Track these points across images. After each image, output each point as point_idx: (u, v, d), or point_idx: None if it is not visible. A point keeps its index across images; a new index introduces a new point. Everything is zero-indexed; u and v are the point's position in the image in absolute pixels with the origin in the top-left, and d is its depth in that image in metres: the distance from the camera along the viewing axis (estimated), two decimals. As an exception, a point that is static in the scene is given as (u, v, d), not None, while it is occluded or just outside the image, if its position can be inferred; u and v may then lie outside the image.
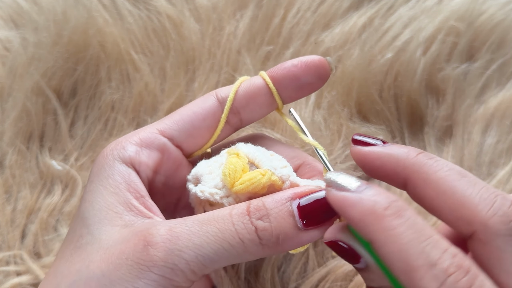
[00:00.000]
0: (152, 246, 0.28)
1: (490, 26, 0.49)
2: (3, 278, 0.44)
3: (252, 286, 0.44)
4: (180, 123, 0.35)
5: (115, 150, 0.33)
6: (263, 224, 0.29)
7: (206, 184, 0.33)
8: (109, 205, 0.31)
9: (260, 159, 0.33)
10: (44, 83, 0.49)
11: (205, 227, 0.29)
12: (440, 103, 0.49)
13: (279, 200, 0.30)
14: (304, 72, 0.34)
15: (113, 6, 0.50)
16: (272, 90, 0.35)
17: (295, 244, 0.30)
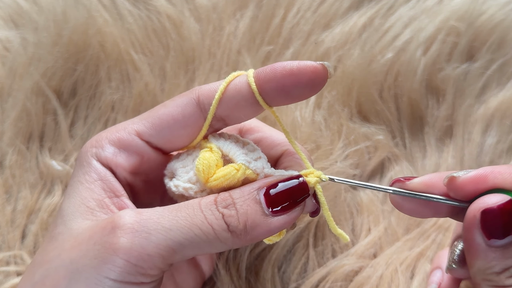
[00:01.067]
0: (119, 228, 0.28)
1: (490, 26, 0.49)
2: (3, 278, 0.44)
3: (253, 285, 0.44)
4: (158, 129, 0.33)
5: (94, 148, 0.33)
6: (229, 212, 0.30)
7: (180, 178, 0.33)
8: (83, 199, 0.32)
9: (234, 152, 0.33)
10: (44, 83, 0.49)
11: (175, 212, 0.29)
12: (440, 103, 0.49)
13: (247, 190, 0.31)
14: (293, 83, 0.31)
15: (113, 6, 0.50)
16: (256, 96, 0.32)
17: (265, 231, 0.30)
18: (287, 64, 0.31)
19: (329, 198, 0.45)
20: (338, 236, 0.34)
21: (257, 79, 0.32)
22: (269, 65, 0.32)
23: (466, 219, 0.30)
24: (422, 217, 0.35)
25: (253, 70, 0.33)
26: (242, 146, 0.34)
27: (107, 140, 0.33)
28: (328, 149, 0.47)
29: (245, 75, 0.33)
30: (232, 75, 0.33)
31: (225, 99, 0.32)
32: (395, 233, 0.45)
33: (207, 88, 0.33)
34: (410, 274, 0.44)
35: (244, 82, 0.32)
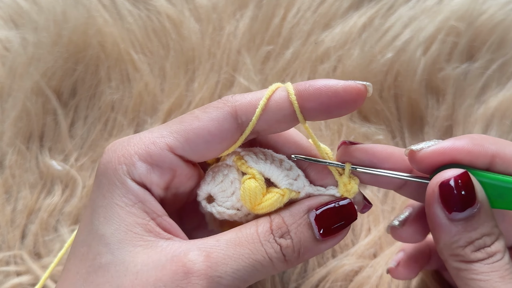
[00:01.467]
0: (193, 274, 0.28)
1: (490, 26, 0.49)
2: (3, 278, 0.44)
3: (252, 285, 0.44)
4: (193, 145, 0.31)
5: (125, 165, 0.31)
6: (286, 242, 0.30)
7: (222, 204, 0.33)
8: (127, 225, 0.30)
9: (276, 176, 0.32)
10: (44, 83, 0.49)
11: (239, 249, 0.30)
12: (440, 103, 0.49)
13: (297, 213, 0.31)
14: (337, 104, 0.31)
15: (113, 6, 0.50)
16: (298, 115, 0.31)
17: (314, 254, 0.31)
18: (332, 84, 0.31)
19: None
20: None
21: (299, 96, 0.31)
22: (311, 82, 0.31)
23: (427, 195, 0.31)
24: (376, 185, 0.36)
25: (291, 84, 0.32)
26: (280, 165, 0.33)
27: (137, 156, 0.31)
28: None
29: (284, 90, 0.32)
30: (271, 90, 0.32)
31: (264, 115, 0.31)
32: (395, 233, 0.45)
33: (245, 102, 0.32)
34: (410, 274, 0.44)
35: (285, 98, 0.31)
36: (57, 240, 0.46)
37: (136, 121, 0.49)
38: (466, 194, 0.30)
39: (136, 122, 0.49)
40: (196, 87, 0.49)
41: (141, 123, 0.49)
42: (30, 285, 0.44)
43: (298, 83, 0.32)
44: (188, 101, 0.49)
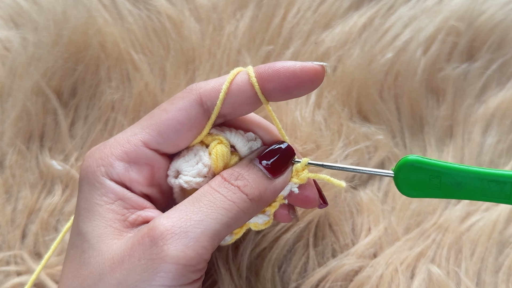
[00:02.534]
0: (158, 238, 0.29)
1: (490, 26, 0.49)
2: (4, 278, 0.44)
3: (253, 285, 0.44)
4: (165, 136, 0.33)
5: (102, 166, 0.32)
6: (242, 182, 0.32)
7: (188, 173, 0.34)
8: (107, 221, 0.31)
9: (240, 145, 0.35)
10: (44, 83, 0.49)
11: (197, 204, 0.31)
12: (440, 103, 0.49)
13: (244, 163, 0.34)
14: (295, 84, 0.32)
15: (113, 6, 0.50)
16: (259, 96, 0.33)
17: (273, 192, 0.33)
18: (290, 65, 0.32)
19: (329, 198, 0.45)
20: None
21: (260, 78, 0.33)
22: (270, 64, 0.33)
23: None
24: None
25: (252, 67, 0.33)
26: (244, 135, 0.35)
27: (114, 156, 0.33)
28: (328, 149, 0.47)
29: (245, 73, 0.33)
30: (233, 74, 0.33)
31: (228, 99, 0.33)
32: (395, 232, 0.45)
33: (209, 88, 0.33)
34: (410, 274, 0.44)
35: (247, 81, 0.33)
36: (57, 240, 0.46)
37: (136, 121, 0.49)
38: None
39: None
40: (196, 87, 0.49)
41: (141, 123, 0.49)
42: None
43: (258, 66, 0.33)
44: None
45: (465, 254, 0.44)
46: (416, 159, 0.33)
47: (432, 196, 0.34)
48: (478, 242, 0.44)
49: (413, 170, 0.33)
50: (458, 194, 0.33)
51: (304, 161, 0.35)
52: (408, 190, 0.34)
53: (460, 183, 0.32)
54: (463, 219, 0.45)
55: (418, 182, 0.33)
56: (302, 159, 0.35)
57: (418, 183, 0.33)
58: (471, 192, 0.33)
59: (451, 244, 0.44)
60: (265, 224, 0.37)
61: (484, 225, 0.44)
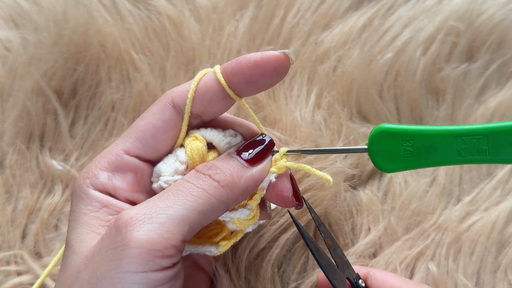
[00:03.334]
0: (122, 226, 0.29)
1: (490, 26, 0.49)
2: (4, 278, 0.44)
3: (252, 285, 0.44)
4: (143, 140, 0.34)
5: (87, 178, 0.33)
6: (213, 171, 0.32)
7: (166, 174, 0.34)
8: (90, 227, 0.32)
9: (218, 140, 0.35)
10: (44, 83, 0.49)
11: (166, 194, 0.31)
12: (440, 103, 0.49)
13: (222, 156, 0.34)
14: (259, 73, 0.32)
15: (113, 6, 0.51)
16: (227, 90, 0.33)
17: (251, 180, 0.33)
18: (251, 56, 0.33)
19: (329, 197, 0.45)
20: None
21: (225, 73, 0.33)
22: (234, 59, 0.33)
23: None
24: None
25: (219, 66, 0.34)
26: (222, 132, 0.35)
27: (97, 167, 0.33)
28: (328, 149, 0.47)
29: (212, 72, 0.34)
30: (201, 73, 0.34)
31: (198, 97, 0.34)
32: (394, 232, 0.45)
33: (179, 90, 0.34)
34: (410, 274, 0.44)
35: (213, 78, 0.34)
36: (58, 240, 0.46)
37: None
38: None
39: (136, 122, 0.49)
40: (196, 87, 0.49)
41: (141, 123, 0.49)
42: (31, 285, 0.44)
43: (225, 63, 0.34)
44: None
45: (464, 254, 0.44)
46: (386, 126, 0.32)
47: (408, 167, 0.32)
48: (477, 242, 0.44)
49: (384, 138, 0.32)
50: (434, 159, 0.31)
51: (282, 150, 0.35)
52: (384, 163, 0.33)
53: (433, 145, 0.31)
54: (462, 219, 0.45)
55: (392, 151, 0.32)
56: (281, 148, 0.35)
57: (391, 153, 0.32)
58: (447, 154, 0.31)
59: (451, 244, 0.44)
60: (250, 219, 0.36)
61: (484, 225, 0.44)
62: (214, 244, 0.36)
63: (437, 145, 0.31)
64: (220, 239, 0.37)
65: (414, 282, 0.37)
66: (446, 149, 0.31)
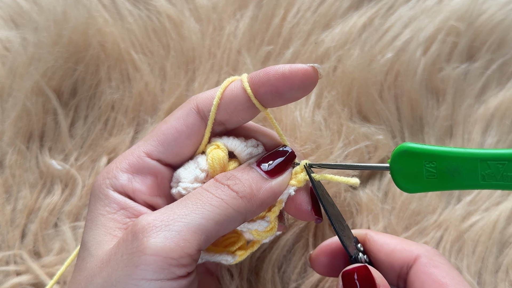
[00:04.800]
0: (139, 231, 0.29)
1: (490, 26, 0.49)
2: (3, 278, 0.44)
3: (253, 286, 0.44)
4: (165, 144, 0.34)
5: (107, 179, 0.33)
6: (233, 181, 0.32)
7: (186, 180, 0.34)
8: (107, 229, 0.32)
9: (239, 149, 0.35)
10: (44, 83, 0.49)
11: (184, 202, 0.31)
12: (440, 103, 0.49)
13: (241, 166, 0.34)
14: (286, 86, 0.32)
15: (113, 6, 0.51)
16: (253, 100, 0.33)
17: (270, 193, 0.33)
18: (280, 68, 0.32)
19: (329, 197, 0.45)
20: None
21: (252, 83, 0.33)
22: (262, 70, 0.33)
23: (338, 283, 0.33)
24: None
25: (246, 74, 0.34)
26: (244, 141, 0.35)
27: (118, 168, 0.33)
28: (328, 149, 0.47)
29: (239, 80, 0.34)
30: (227, 81, 0.34)
31: (223, 104, 0.34)
32: (394, 231, 0.45)
33: (204, 96, 0.34)
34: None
35: (240, 87, 0.34)
36: (57, 239, 0.46)
37: (136, 121, 0.49)
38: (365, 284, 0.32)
39: (137, 122, 0.49)
40: (196, 87, 0.49)
41: (141, 123, 0.49)
42: (30, 285, 0.44)
43: (253, 72, 0.34)
44: (188, 101, 0.49)
45: (465, 253, 0.44)
46: (409, 145, 0.32)
47: (430, 188, 0.32)
48: (478, 241, 0.44)
49: (407, 157, 0.32)
50: (457, 182, 0.31)
51: (302, 163, 0.35)
52: (405, 184, 0.32)
53: (457, 168, 0.30)
54: (463, 218, 0.45)
55: (414, 172, 0.32)
56: (302, 161, 0.35)
57: (414, 173, 0.32)
58: (470, 178, 0.30)
59: (451, 243, 0.44)
60: (268, 231, 0.35)
61: (485, 225, 0.44)
62: (230, 253, 0.36)
63: (460, 169, 0.31)
64: (236, 248, 0.37)
65: (414, 242, 0.36)
66: (469, 173, 0.30)
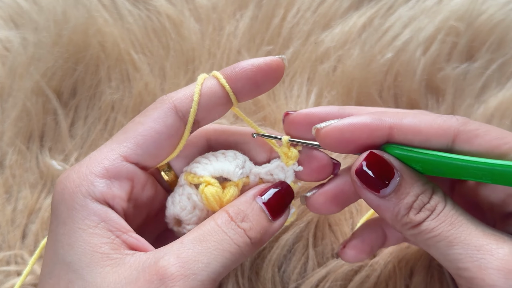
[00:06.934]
0: (168, 278, 0.28)
1: (490, 26, 0.49)
2: (4, 278, 0.44)
3: (253, 285, 0.44)
4: (144, 147, 0.33)
5: (82, 186, 0.31)
6: (248, 225, 0.32)
7: (190, 222, 0.35)
8: (93, 246, 0.30)
9: (227, 172, 0.35)
10: (44, 83, 0.49)
11: (205, 244, 0.30)
12: (440, 103, 0.49)
13: (248, 200, 0.34)
14: (263, 78, 0.34)
15: (113, 6, 0.50)
16: (231, 96, 0.34)
17: (271, 234, 0.34)
18: (254, 61, 0.34)
19: (329, 198, 0.45)
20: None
21: (228, 79, 0.34)
22: (235, 65, 0.34)
23: (354, 186, 0.33)
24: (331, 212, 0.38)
25: (216, 71, 0.34)
26: (225, 159, 0.35)
27: (94, 174, 0.31)
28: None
29: (213, 77, 0.34)
30: (202, 78, 0.34)
31: (201, 103, 0.33)
32: (394, 232, 0.45)
33: (181, 96, 0.34)
34: (409, 272, 0.44)
35: (216, 84, 0.34)
36: (58, 240, 0.46)
37: (136, 121, 0.49)
38: (381, 170, 0.31)
39: (136, 122, 0.49)
40: (196, 87, 0.49)
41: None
42: (31, 285, 0.44)
43: (223, 69, 0.34)
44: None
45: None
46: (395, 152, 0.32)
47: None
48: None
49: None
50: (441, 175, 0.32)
51: (285, 139, 0.35)
52: None
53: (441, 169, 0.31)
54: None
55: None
56: (283, 137, 0.36)
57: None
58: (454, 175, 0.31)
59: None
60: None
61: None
62: None
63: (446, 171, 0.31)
64: None
65: (438, 115, 0.33)
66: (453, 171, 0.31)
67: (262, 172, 0.36)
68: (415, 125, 0.31)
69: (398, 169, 0.31)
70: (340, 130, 0.32)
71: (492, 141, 0.30)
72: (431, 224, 0.30)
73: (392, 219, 0.32)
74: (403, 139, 0.32)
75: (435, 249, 0.30)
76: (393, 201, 0.31)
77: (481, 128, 0.31)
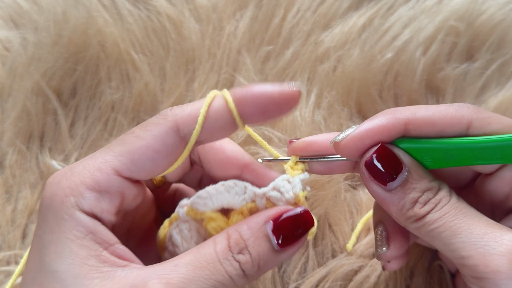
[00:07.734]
0: None
1: (490, 26, 0.49)
2: (4, 278, 0.44)
3: (253, 285, 0.44)
4: (139, 164, 0.31)
5: (72, 197, 0.30)
6: (244, 257, 0.30)
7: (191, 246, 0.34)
8: (81, 258, 0.29)
9: (227, 202, 0.34)
10: (44, 83, 0.49)
11: (199, 272, 0.29)
12: (440, 103, 0.49)
13: (254, 226, 0.32)
14: (275, 108, 0.32)
15: (113, 6, 0.51)
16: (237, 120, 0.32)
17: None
18: (268, 90, 0.31)
19: (329, 197, 0.45)
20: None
21: (237, 103, 0.32)
22: (247, 88, 0.32)
23: (361, 177, 0.33)
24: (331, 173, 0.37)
25: (227, 91, 0.32)
26: (224, 190, 0.35)
27: (84, 185, 0.30)
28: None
29: (221, 98, 0.32)
30: (210, 97, 0.32)
31: (206, 125, 0.32)
32: (394, 232, 0.45)
33: (185, 115, 0.32)
34: (409, 273, 0.44)
35: (224, 107, 0.32)
36: (58, 240, 0.46)
37: (136, 121, 0.49)
38: (390, 164, 0.31)
39: (136, 122, 0.49)
40: (196, 87, 0.49)
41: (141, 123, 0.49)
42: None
43: (234, 89, 0.32)
44: (188, 101, 0.49)
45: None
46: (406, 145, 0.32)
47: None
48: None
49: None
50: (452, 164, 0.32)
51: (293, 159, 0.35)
52: None
53: (453, 155, 0.32)
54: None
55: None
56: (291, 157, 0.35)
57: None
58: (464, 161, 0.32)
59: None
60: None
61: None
62: None
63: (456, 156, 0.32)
64: None
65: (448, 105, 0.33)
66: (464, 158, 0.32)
67: (267, 190, 0.34)
68: (428, 117, 0.32)
69: (407, 164, 0.32)
70: (359, 138, 0.32)
71: (505, 128, 0.31)
72: (435, 216, 0.31)
73: (397, 212, 0.32)
74: (419, 133, 0.32)
75: (438, 240, 0.31)
76: (399, 195, 0.31)
77: (494, 116, 0.32)
